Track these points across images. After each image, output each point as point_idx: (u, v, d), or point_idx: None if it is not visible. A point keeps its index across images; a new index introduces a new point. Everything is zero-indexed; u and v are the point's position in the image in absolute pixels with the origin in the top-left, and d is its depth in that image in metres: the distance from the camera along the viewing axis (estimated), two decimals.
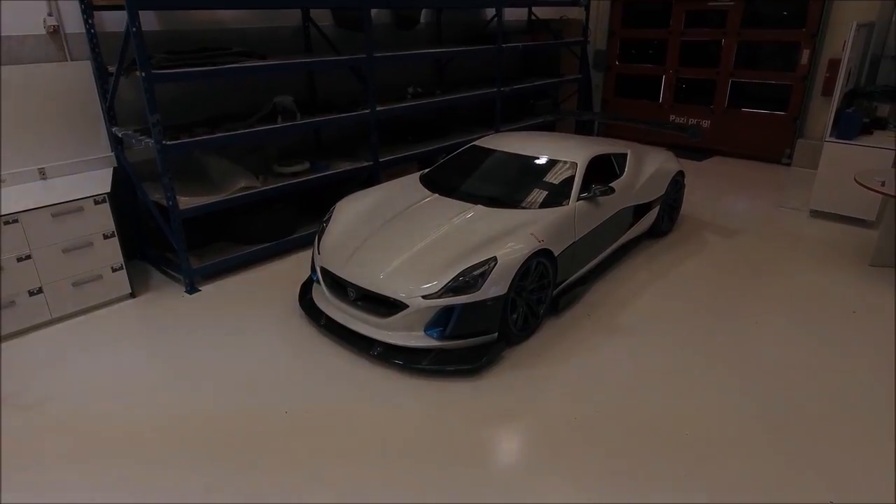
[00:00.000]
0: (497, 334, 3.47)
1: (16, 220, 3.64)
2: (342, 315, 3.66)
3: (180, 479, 2.67)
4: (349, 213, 4.15)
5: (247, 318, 4.03)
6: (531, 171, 4.40)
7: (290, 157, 5.20)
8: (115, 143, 4.51)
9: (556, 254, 3.75)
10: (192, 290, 4.39)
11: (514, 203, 4.06)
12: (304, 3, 5.06)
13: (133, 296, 4.31)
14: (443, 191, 4.32)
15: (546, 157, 4.46)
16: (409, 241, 3.68)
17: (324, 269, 3.81)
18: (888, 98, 5.93)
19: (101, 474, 2.70)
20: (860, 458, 2.77)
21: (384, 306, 3.45)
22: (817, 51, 7.24)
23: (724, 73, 8.11)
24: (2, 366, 3.49)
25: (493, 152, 4.67)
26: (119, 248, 4.14)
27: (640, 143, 5.41)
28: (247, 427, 2.99)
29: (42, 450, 2.85)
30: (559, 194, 4.11)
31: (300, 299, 4.06)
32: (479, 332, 3.42)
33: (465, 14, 7.33)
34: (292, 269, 4.74)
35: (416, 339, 3.40)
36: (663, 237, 5.33)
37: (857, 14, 6.51)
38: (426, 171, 4.79)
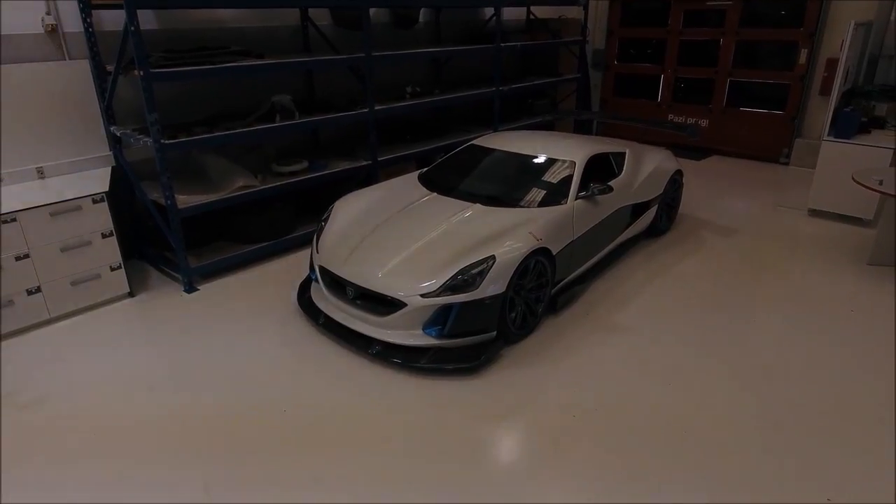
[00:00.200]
0: (495, 333, 3.48)
1: (14, 220, 3.64)
2: (341, 314, 3.67)
3: (178, 477, 2.67)
4: (348, 212, 4.15)
5: (245, 317, 4.03)
6: (529, 170, 4.40)
7: (289, 157, 5.20)
8: (114, 142, 4.51)
9: (554, 252, 3.75)
10: (190, 289, 4.39)
11: (513, 202, 4.06)
12: (303, 3, 5.06)
13: (132, 295, 4.31)
14: (441, 190, 4.33)
15: (544, 156, 4.46)
16: (407, 240, 3.68)
17: (322, 268, 3.81)
18: (886, 97, 5.95)
19: (100, 473, 2.70)
20: (859, 456, 2.78)
21: (383, 305, 3.46)
22: (815, 50, 7.25)
23: (722, 73, 8.12)
24: (1, 365, 3.49)
25: (491, 151, 4.67)
26: (117, 247, 4.14)
27: (638, 143, 5.42)
28: (245, 426, 2.99)
29: (40, 449, 2.85)
30: (557, 193, 4.11)
31: (299, 298, 4.06)
32: (477, 331, 3.42)
33: (463, 13, 7.33)
34: (291, 268, 4.74)
35: (415, 337, 3.40)
36: (661, 236, 5.34)
37: (854, 13, 6.52)
38: (425, 170, 4.79)
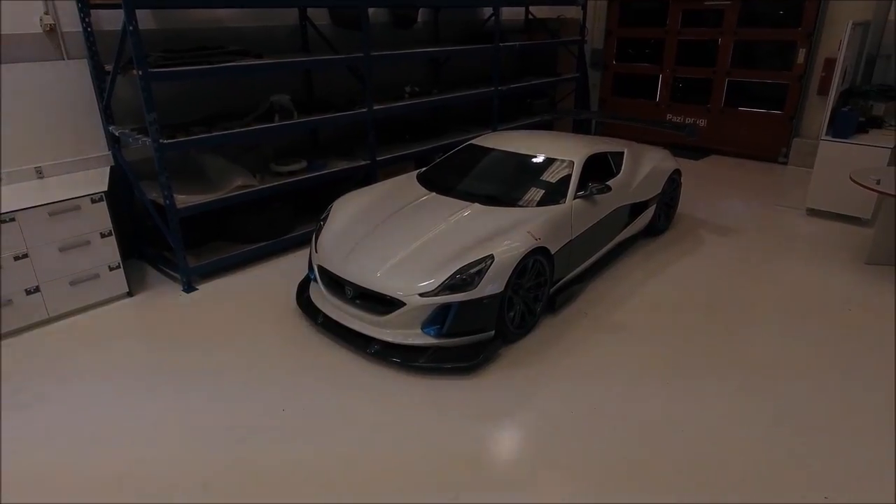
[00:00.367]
0: (494, 332, 3.48)
1: (13, 219, 3.64)
2: (339, 313, 3.67)
3: (176, 478, 2.67)
4: (346, 211, 4.16)
5: (244, 316, 4.03)
6: (528, 169, 4.41)
7: (288, 156, 5.21)
8: (112, 142, 4.51)
9: (552, 252, 3.76)
10: (189, 288, 4.39)
11: (511, 201, 4.07)
12: (302, 2, 5.06)
13: (130, 294, 4.31)
14: (440, 189, 4.33)
15: (543, 155, 4.47)
16: (406, 240, 3.69)
17: (321, 268, 3.82)
18: (884, 97, 5.96)
19: (97, 474, 2.70)
20: (856, 455, 2.78)
21: (381, 304, 3.46)
22: (813, 50, 7.27)
23: (720, 73, 8.13)
24: (1, 365, 3.50)
25: (490, 151, 4.68)
26: (116, 246, 4.14)
27: (636, 142, 5.43)
28: (243, 425, 2.99)
29: (38, 449, 2.85)
30: (556, 192, 4.12)
31: (297, 298, 4.07)
32: (475, 330, 3.43)
33: (462, 13, 7.33)
34: (290, 267, 4.75)
35: (413, 336, 3.41)
36: (660, 236, 5.34)
37: (852, 13, 6.53)
38: (423, 169, 4.80)
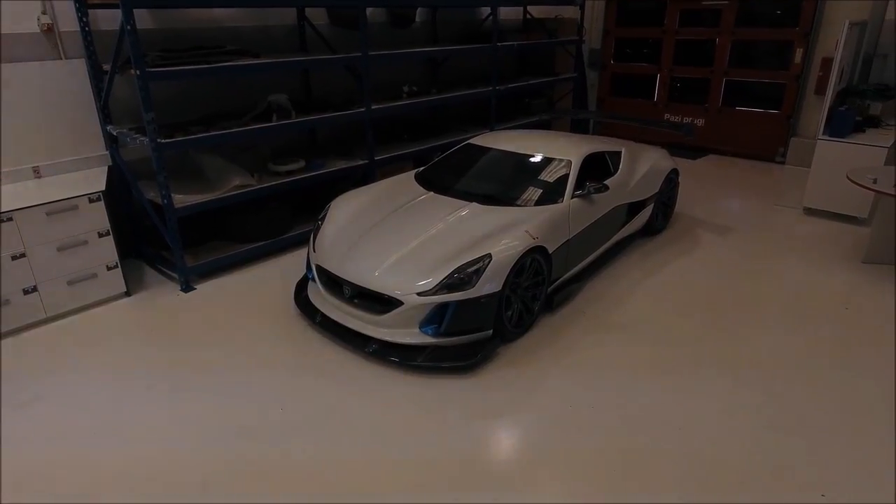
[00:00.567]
0: (492, 331, 3.49)
1: (10, 219, 3.63)
2: (337, 312, 3.67)
3: (174, 477, 2.67)
4: (344, 211, 4.16)
5: (242, 316, 4.03)
6: (526, 168, 4.41)
7: (286, 156, 5.20)
8: (110, 142, 4.51)
9: (550, 251, 3.76)
10: (187, 288, 4.39)
11: (509, 201, 4.07)
12: (300, 2, 5.06)
13: (128, 294, 4.31)
14: (438, 189, 4.33)
15: (541, 155, 4.47)
16: (404, 239, 3.69)
17: (319, 267, 3.82)
18: (880, 96, 5.97)
19: (95, 473, 2.70)
20: (853, 454, 2.79)
21: (379, 303, 3.46)
22: (810, 50, 7.28)
23: (718, 72, 8.14)
24: (1, 365, 3.49)
25: (488, 150, 4.68)
26: (114, 246, 4.13)
27: (634, 142, 5.44)
28: (241, 424, 2.99)
29: (36, 449, 2.85)
30: (554, 192, 4.12)
31: (295, 297, 4.06)
32: (473, 329, 3.43)
33: (460, 13, 7.34)
34: (288, 267, 4.75)
35: (412, 336, 3.41)
36: (657, 235, 5.35)
37: (849, 13, 6.54)
38: (421, 169, 4.80)
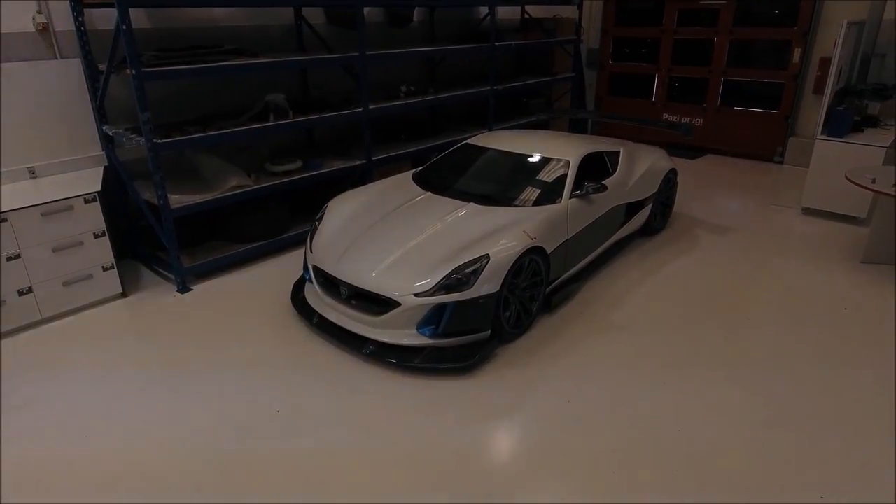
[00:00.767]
0: (490, 332, 3.47)
1: (5, 220, 3.61)
2: (334, 314, 3.65)
3: (169, 480, 2.65)
4: (341, 211, 4.14)
5: (238, 317, 4.01)
6: (524, 168, 4.40)
7: (283, 156, 5.19)
8: (106, 142, 4.48)
9: (548, 251, 3.75)
10: (183, 289, 4.37)
11: (507, 201, 4.06)
12: (297, 1, 5.04)
13: (124, 295, 4.28)
14: (435, 189, 4.32)
15: (539, 154, 4.46)
16: (401, 240, 3.67)
17: (316, 268, 3.80)
18: (879, 96, 5.97)
19: (91, 474, 2.68)
20: (852, 455, 2.78)
21: (376, 304, 3.45)
22: (809, 49, 7.28)
23: (716, 72, 8.14)
24: (1, 365, 3.47)
25: (485, 150, 4.67)
26: (110, 247, 4.11)
27: (633, 142, 5.42)
28: (238, 426, 2.98)
29: (32, 450, 2.83)
30: (552, 192, 4.11)
31: (292, 298, 4.05)
32: (471, 330, 3.41)
33: (458, 12, 7.32)
34: (285, 268, 4.72)
35: (409, 337, 3.39)
36: (656, 235, 5.34)
37: (847, 13, 6.54)
38: (419, 169, 4.79)
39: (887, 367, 3.42)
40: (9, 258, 3.68)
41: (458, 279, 3.31)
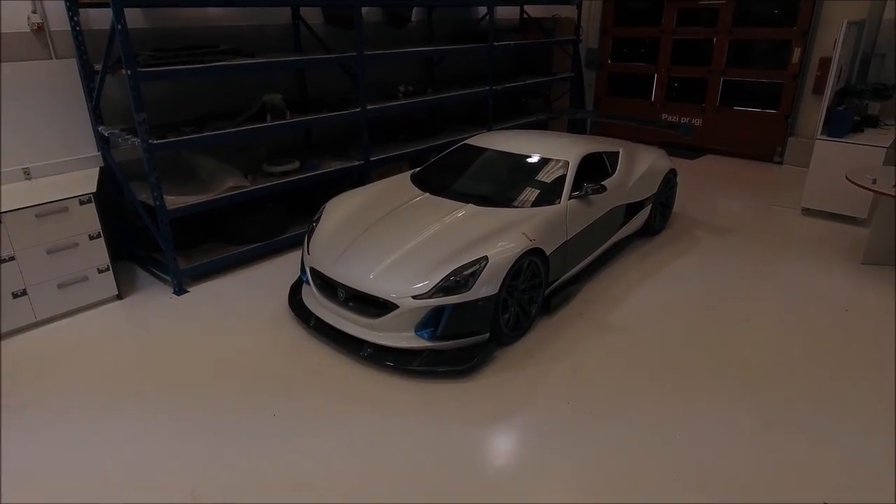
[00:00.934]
0: (488, 335, 3.44)
1: None
2: (332, 316, 3.62)
3: (163, 484, 2.62)
4: (339, 212, 4.11)
5: (235, 319, 3.98)
6: (523, 169, 4.37)
7: (280, 156, 5.15)
8: (102, 143, 4.45)
9: (547, 253, 3.72)
10: (180, 291, 4.33)
11: (506, 202, 4.03)
12: (294, 1, 5.01)
13: (120, 297, 4.25)
14: (434, 190, 4.29)
15: (538, 155, 4.43)
16: (399, 241, 3.64)
17: (313, 270, 3.77)
18: (879, 96, 5.95)
19: (84, 480, 2.65)
20: (853, 457, 2.76)
21: (374, 307, 3.42)
22: (808, 49, 7.25)
23: (715, 72, 8.11)
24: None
25: (484, 151, 4.64)
26: (105, 248, 4.07)
27: (632, 142, 5.40)
28: (233, 430, 2.94)
29: (25, 456, 2.79)
30: (551, 193, 4.08)
31: (290, 300, 4.01)
32: (470, 333, 3.38)
33: (456, 12, 7.29)
34: (282, 269, 4.70)
35: (407, 339, 3.36)
36: (655, 236, 5.32)
37: (847, 12, 6.52)
38: (417, 170, 4.76)
39: (888, 368, 3.40)
40: (3, 260, 3.64)
41: (456, 281, 3.28)
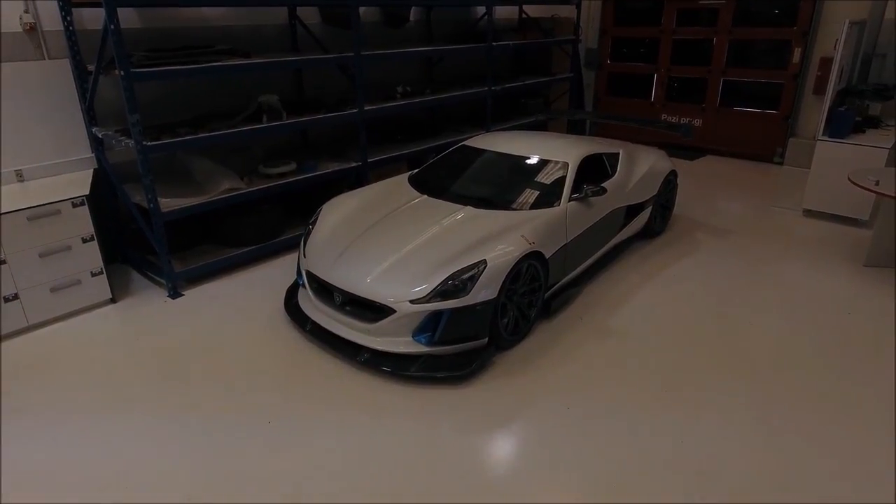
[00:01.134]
0: (487, 339, 3.39)
1: None
2: (328, 320, 3.57)
3: (158, 490, 2.57)
4: (336, 214, 4.06)
5: (230, 323, 3.93)
6: (522, 171, 4.33)
7: (277, 158, 5.10)
8: (96, 144, 4.40)
9: (547, 256, 3.68)
10: (174, 294, 4.28)
11: (505, 204, 3.98)
12: (291, 1, 4.96)
13: (114, 301, 4.19)
14: (432, 192, 4.24)
15: (537, 157, 4.39)
16: (396, 244, 3.59)
17: (309, 273, 3.72)
18: (880, 96, 5.91)
19: (78, 486, 2.60)
20: (854, 458, 2.72)
21: (371, 311, 3.37)
22: (809, 49, 7.22)
23: (715, 72, 8.07)
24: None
25: (483, 152, 4.59)
26: (99, 251, 4.02)
27: (632, 143, 5.36)
28: (228, 436, 2.89)
29: (18, 461, 2.74)
30: (550, 195, 4.03)
31: (286, 304, 3.97)
32: (468, 338, 3.33)
33: (455, 12, 7.24)
34: (278, 272, 4.65)
35: (405, 344, 3.31)
36: (656, 238, 5.27)
37: (848, 12, 6.48)
38: (415, 171, 4.71)
39: (888, 369, 3.36)
40: None
41: (454, 285, 3.23)
